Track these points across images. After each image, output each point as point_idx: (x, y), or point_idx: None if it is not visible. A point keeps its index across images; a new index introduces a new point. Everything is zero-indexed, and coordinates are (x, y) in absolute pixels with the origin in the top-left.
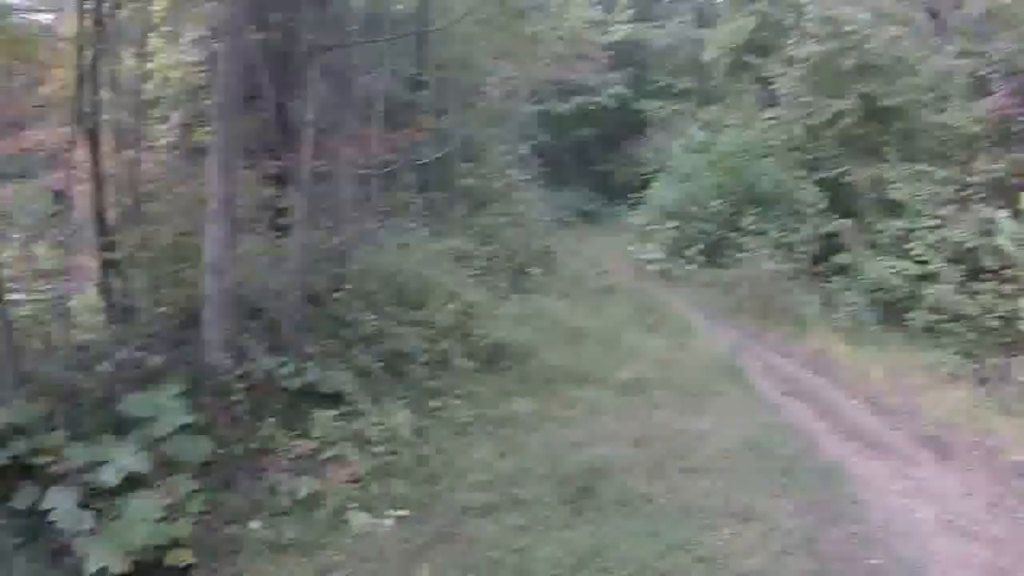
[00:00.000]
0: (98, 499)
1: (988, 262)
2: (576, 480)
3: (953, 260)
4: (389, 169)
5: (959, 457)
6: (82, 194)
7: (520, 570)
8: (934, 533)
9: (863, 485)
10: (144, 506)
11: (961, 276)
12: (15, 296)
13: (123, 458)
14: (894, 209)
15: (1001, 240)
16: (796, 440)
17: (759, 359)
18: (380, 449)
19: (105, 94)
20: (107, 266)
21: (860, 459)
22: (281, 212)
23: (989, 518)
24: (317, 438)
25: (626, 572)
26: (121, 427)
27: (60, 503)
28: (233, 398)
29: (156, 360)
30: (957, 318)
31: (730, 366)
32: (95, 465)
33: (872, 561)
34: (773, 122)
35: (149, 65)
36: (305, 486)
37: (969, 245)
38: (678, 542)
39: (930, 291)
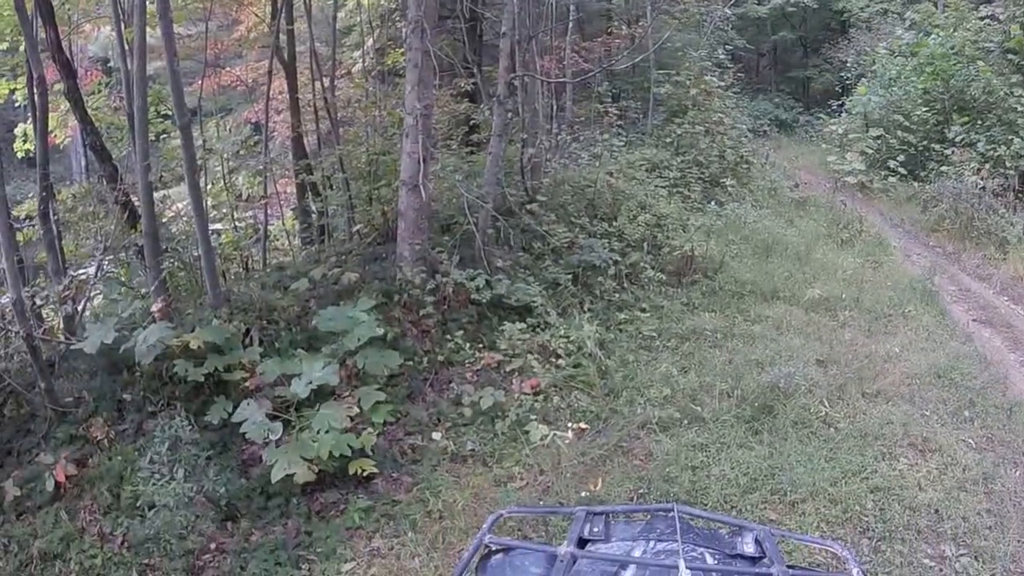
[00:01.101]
0: (287, 411)
1: None
2: (757, 399)
3: None
4: (582, 79)
5: None
6: (279, 124)
7: (693, 487)
8: None
9: None
10: (331, 417)
11: None
12: (216, 225)
13: (314, 371)
14: None
15: None
16: (985, 372)
17: (954, 282)
18: (564, 362)
19: (299, 26)
20: (304, 189)
21: None
22: (474, 128)
23: None
24: (503, 350)
25: (798, 496)
26: (314, 342)
27: (251, 415)
28: (423, 311)
29: (350, 276)
30: None
31: (923, 288)
32: (287, 379)
33: None
34: (988, 21)
35: None
36: (489, 398)
37: None
38: (853, 469)
39: None
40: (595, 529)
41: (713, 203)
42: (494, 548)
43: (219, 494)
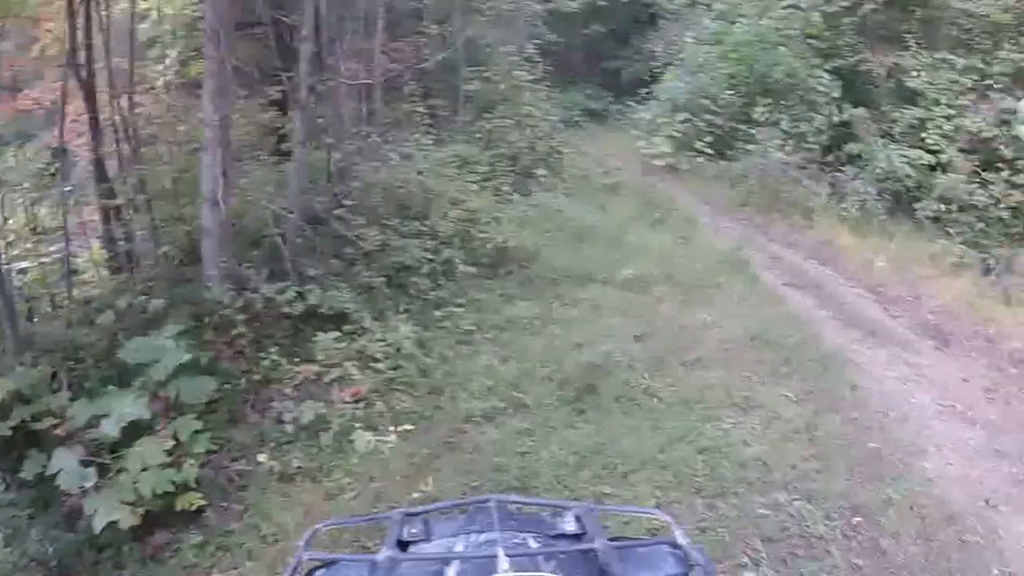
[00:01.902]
0: (103, 454)
1: (1004, 152)
2: (578, 380)
3: (967, 150)
4: (388, 78)
5: (959, 345)
6: (83, 147)
7: (524, 473)
8: (932, 418)
9: (863, 372)
10: (147, 454)
11: (974, 166)
12: (22, 264)
13: (124, 407)
14: (911, 98)
15: (1019, 129)
16: (798, 330)
17: (764, 251)
18: (383, 366)
19: (98, 41)
20: (108, 215)
21: (861, 347)
22: (283, 137)
23: (986, 403)
24: (320, 361)
25: (629, 467)
26: (126, 376)
27: (64, 464)
28: (236, 331)
29: (157, 303)
30: (965, 208)
31: (735, 259)
32: (98, 419)
33: (871, 445)
34: (791, 10)
35: (143, 4)
36: (309, 411)
37: (986, 135)
38: (679, 434)
39: (940, 180)
40: (414, 530)
41: (516, 194)
42: (316, 564)
43: (47, 554)
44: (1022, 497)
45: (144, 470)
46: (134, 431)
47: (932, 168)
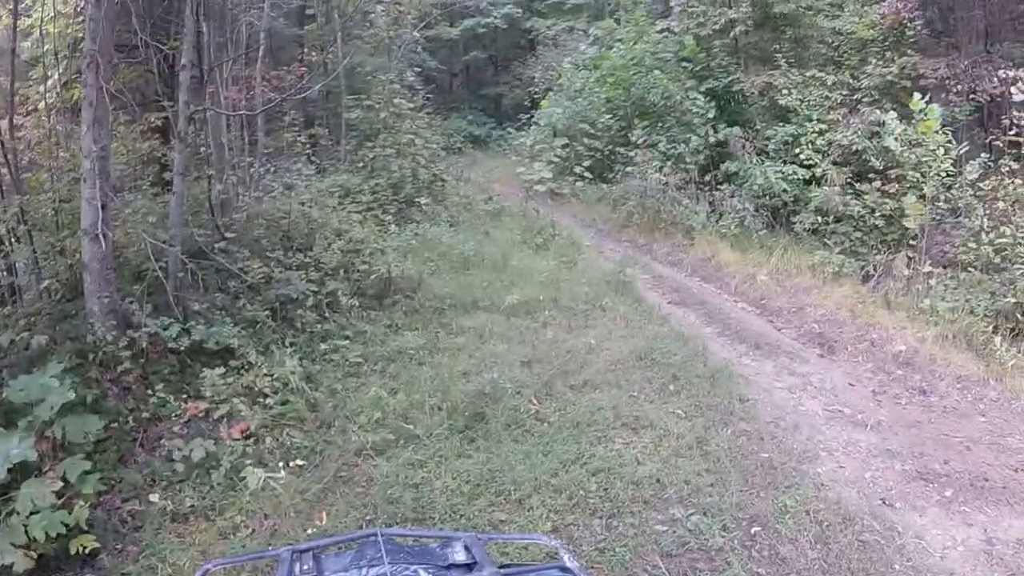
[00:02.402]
0: None
1: (875, 163)
2: (467, 408)
3: (840, 163)
4: (268, 108)
5: (844, 351)
6: None
7: (419, 504)
8: (822, 424)
9: (752, 385)
10: (36, 495)
11: (848, 178)
12: None
13: (10, 448)
14: (783, 115)
15: (888, 141)
16: (684, 347)
17: (648, 271)
18: (271, 401)
19: None
20: None
21: (748, 360)
22: (166, 166)
23: (874, 405)
24: (208, 398)
25: (523, 492)
26: (13, 416)
27: None
28: (121, 368)
29: (40, 340)
30: (842, 218)
31: (619, 281)
32: None
33: (763, 455)
34: (665, 34)
35: (26, 21)
36: (199, 449)
37: (857, 147)
38: (571, 457)
39: (815, 193)
40: (306, 567)
41: (400, 223)
42: None
43: None
44: (917, 493)
45: (34, 512)
46: (23, 472)
47: (807, 182)
